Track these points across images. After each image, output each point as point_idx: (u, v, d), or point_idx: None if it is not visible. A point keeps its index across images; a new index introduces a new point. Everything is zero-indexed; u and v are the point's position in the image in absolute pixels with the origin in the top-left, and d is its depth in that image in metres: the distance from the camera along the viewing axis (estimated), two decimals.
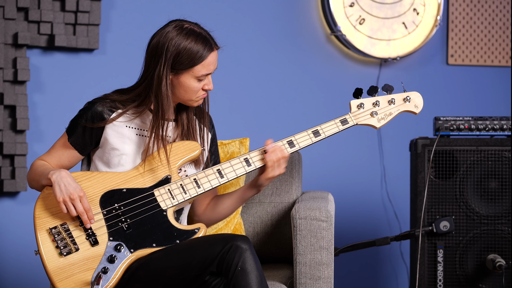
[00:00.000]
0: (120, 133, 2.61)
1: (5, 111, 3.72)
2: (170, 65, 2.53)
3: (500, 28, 4.41)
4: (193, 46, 2.53)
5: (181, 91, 2.58)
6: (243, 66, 4.13)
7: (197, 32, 2.56)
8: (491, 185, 3.54)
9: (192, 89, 2.57)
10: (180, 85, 2.57)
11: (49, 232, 2.49)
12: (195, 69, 2.54)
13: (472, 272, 3.53)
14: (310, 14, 4.21)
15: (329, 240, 2.71)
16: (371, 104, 2.72)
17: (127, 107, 2.61)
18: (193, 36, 2.54)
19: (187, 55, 2.53)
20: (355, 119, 2.71)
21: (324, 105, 4.22)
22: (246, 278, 2.36)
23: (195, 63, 2.54)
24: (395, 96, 2.74)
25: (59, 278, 2.45)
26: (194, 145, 2.63)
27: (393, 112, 2.73)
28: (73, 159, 2.66)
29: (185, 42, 2.53)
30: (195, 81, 2.56)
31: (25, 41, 3.70)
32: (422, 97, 2.75)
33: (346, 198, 4.25)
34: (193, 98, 2.60)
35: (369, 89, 2.73)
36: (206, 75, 2.57)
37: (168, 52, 2.53)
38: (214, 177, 2.62)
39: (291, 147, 2.66)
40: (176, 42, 2.53)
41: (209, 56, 2.55)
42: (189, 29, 2.56)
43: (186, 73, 2.55)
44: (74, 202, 2.46)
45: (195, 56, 2.53)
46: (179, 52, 2.53)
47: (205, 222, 2.75)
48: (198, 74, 2.55)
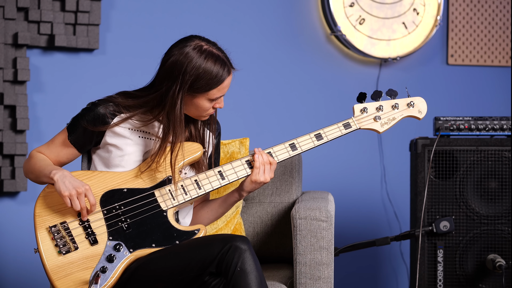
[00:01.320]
0: (122, 135, 2.61)
1: (5, 111, 3.72)
2: (186, 89, 2.53)
3: (500, 28, 4.41)
4: (212, 71, 2.53)
5: (192, 109, 2.59)
6: (243, 66, 4.12)
7: (216, 55, 2.55)
8: (491, 185, 3.53)
9: (203, 108, 2.59)
10: (193, 104, 2.58)
11: (49, 231, 2.50)
12: (210, 92, 2.55)
13: (472, 272, 3.53)
14: (310, 14, 4.21)
15: (329, 240, 2.71)
16: (374, 109, 2.72)
17: (132, 113, 2.60)
18: (212, 60, 2.54)
19: (205, 81, 2.53)
20: (358, 124, 2.71)
21: (324, 105, 4.22)
22: (245, 279, 2.36)
23: (211, 88, 2.54)
24: (398, 101, 2.73)
25: (57, 276, 2.45)
26: (196, 147, 2.63)
27: (396, 117, 2.73)
28: (71, 156, 2.66)
29: (204, 66, 2.52)
30: (208, 102, 2.57)
31: (25, 41, 3.70)
32: (426, 103, 2.74)
33: (346, 198, 4.25)
34: (203, 115, 2.61)
35: (373, 93, 2.72)
36: (219, 97, 2.59)
37: (186, 75, 2.51)
38: (215, 179, 2.61)
39: (293, 150, 2.66)
40: (194, 66, 2.51)
41: (226, 80, 2.57)
42: (208, 52, 2.54)
43: (202, 95, 2.55)
44: (80, 196, 2.46)
45: (213, 81, 2.54)
46: (197, 76, 2.52)
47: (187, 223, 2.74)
48: (213, 97, 2.56)
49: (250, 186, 2.63)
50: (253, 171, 2.60)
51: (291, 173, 3.09)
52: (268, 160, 2.61)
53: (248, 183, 2.62)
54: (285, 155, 2.66)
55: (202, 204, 2.76)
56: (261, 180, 2.60)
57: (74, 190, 2.46)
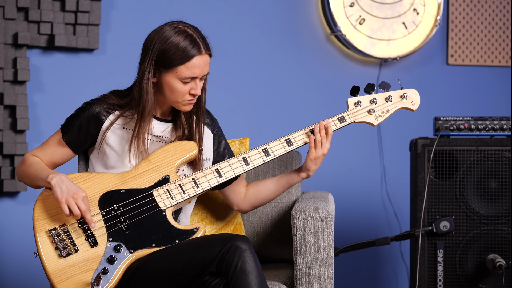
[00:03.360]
0: (117, 134, 2.61)
1: (5, 111, 3.72)
2: (154, 60, 2.51)
3: (500, 28, 4.41)
4: (179, 45, 2.49)
5: (167, 91, 2.55)
6: (243, 66, 4.13)
7: (188, 33, 2.52)
8: (491, 185, 3.53)
9: (177, 90, 2.54)
10: (166, 85, 2.54)
11: (48, 234, 2.49)
12: (178, 69, 2.51)
13: (472, 272, 3.53)
14: (310, 14, 4.21)
15: (329, 240, 2.71)
16: (368, 102, 2.73)
17: (123, 110, 2.60)
18: (182, 35, 2.51)
19: (170, 53, 2.49)
20: (353, 117, 2.71)
21: (324, 105, 4.22)
22: (245, 278, 2.36)
23: (177, 63, 2.50)
24: (392, 94, 2.74)
25: (59, 279, 2.45)
26: (191, 145, 2.63)
27: (390, 109, 2.74)
28: (66, 157, 2.66)
29: (172, 39, 2.50)
30: (179, 82, 2.53)
31: (25, 41, 3.70)
32: (419, 94, 2.75)
33: (346, 198, 4.25)
34: (179, 101, 2.56)
35: (366, 86, 2.73)
36: (191, 79, 2.54)
37: (154, 47, 2.50)
38: (212, 177, 2.62)
39: (288, 146, 2.67)
40: (163, 39, 2.50)
41: (194, 58, 2.51)
42: (181, 29, 2.52)
43: (170, 72, 2.52)
44: (77, 201, 2.45)
45: (179, 56, 2.49)
46: (164, 49, 2.49)
47: (247, 208, 2.80)
48: (181, 76, 2.51)
49: (312, 163, 2.69)
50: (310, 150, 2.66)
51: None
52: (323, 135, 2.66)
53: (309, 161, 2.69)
54: (281, 151, 2.66)
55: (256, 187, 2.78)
56: (320, 154, 2.68)
57: (70, 197, 2.44)
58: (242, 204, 2.79)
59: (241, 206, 2.79)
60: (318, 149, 2.67)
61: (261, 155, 2.66)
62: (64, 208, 2.44)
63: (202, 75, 2.54)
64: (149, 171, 2.58)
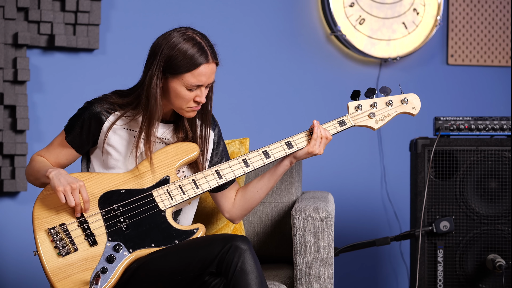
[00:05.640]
0: (118, 135, 2.61)
1: (5, 111, 3.72)
2: (161, 66, 2.51)
3: (500, 28, 4.41)
4: (186, 52, 2.49)
5: (172, 96, 2.55)
6: (243, 66, 4.13)
7: (196, 41, 2.52)
8: (491, 185, 3.53)
9: (182, 97, 2.54)
10: (171, 91, 2.54)
11: (48, 233, 2.49)
12: (184, 77, 2.51)
13: (472, 272, 3.53)
14: (310, 14, 4.21)
15: (329, 240, 2.71)
16: (368, 106, 2.73)
17: (125, 110, 2.60)
18: (191, 43, 2.51)
19: (178, 60, 2.49)
20: (353, 121, 2.72)
21: (324, 105, 4.22)
22: (245, 278, 2.36)
23: (184, 70, 2.50)
24: (392, 98, 2.75)
25: (58, 278, 2.45)
26: (192, 147, 2.63)
27: (390, 113, 2.74)
28: (71, 157, 2.67)
29: (180, 45, 2.50)
30: (185, 89, 2.52)
31: (25, 41, 3.70)
32: (419, 99, 2.75)
33: (346, 198, 4.25)
34: (184, 107, 2.56)
35: (366, 90, 2.74)
36: (197, 86, 2.53)
37: (162, 53, 2.50)
38: (212, 178, 2.62)
39: (289, 148, 2.66)
40: (171, 45, 2.50)
41: (201, 66, 2.50)
42: (190, 36, 2.52)
43: (176, 79, 2.51)
44: (74, 192, 2.46)
45: (186, 63, 2.49)
46: (172, 55, 2.49)
47: (238, 214, 2.76)
48: (187, 83, 2.51)
49: (304, 156, 2.67)
50: (311, 142, 2.64)
51: (291, 173, 3.09)
52: (325, 135, 2.66)
53: (303, 153, 2.66)
54: (282, 153, 2.66)
55: (244, 189, 2.75)
56: (316, 152, 2.66)
57: (68, 185, 2.46)
58: (232, 209, 2.75)
59: (232, 212, 2.76)
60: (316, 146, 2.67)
61: (261, 157, 2.66)
62: (61, 196, 2.45)
63: (208, 83, 2.54)
64: (149, 171, 2.59)
